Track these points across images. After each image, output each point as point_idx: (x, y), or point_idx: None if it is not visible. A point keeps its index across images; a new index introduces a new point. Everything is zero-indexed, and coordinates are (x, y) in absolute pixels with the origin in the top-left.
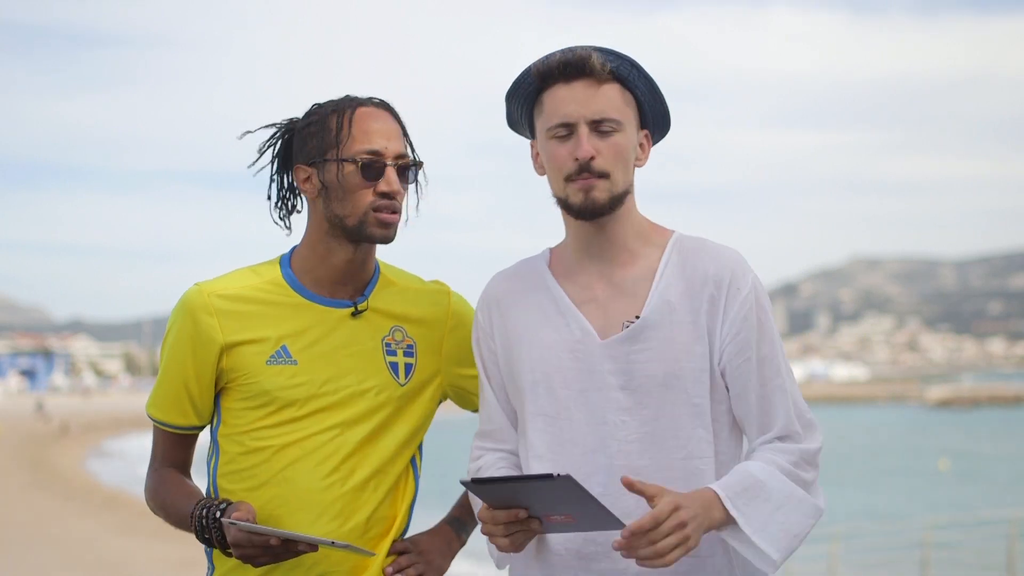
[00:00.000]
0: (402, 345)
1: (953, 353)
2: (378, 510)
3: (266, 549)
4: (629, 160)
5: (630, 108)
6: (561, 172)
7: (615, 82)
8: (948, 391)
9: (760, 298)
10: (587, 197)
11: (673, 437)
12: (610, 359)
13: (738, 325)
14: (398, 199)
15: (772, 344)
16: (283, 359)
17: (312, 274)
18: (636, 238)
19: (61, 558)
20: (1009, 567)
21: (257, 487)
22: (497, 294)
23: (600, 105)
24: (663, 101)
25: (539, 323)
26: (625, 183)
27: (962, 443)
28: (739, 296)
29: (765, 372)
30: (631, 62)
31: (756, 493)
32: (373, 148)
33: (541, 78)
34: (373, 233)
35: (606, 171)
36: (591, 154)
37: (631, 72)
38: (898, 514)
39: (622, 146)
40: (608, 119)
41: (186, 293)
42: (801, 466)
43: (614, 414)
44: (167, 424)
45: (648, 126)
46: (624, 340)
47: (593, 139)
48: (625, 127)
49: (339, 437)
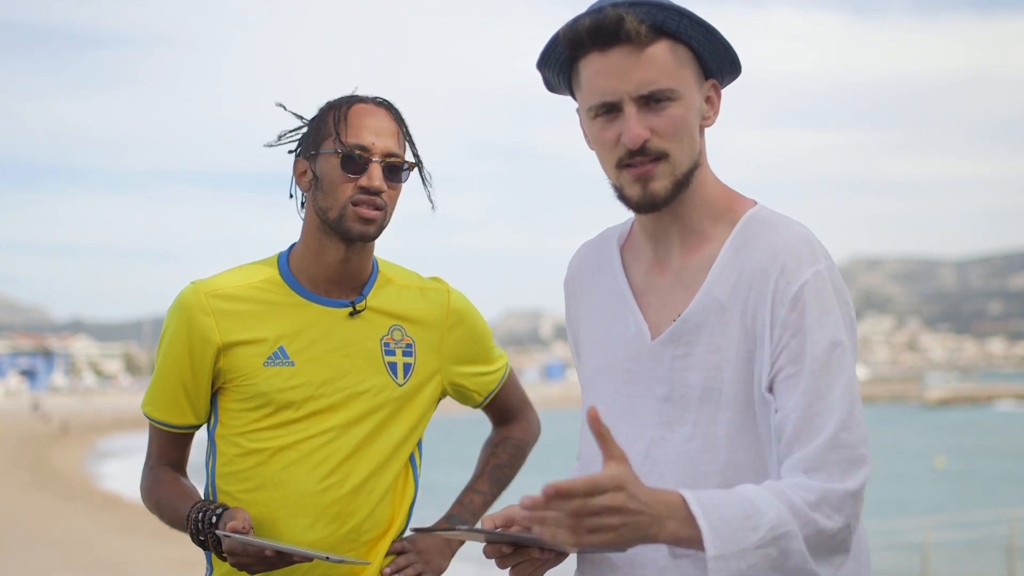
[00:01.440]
0: (401, 344)
1: (953, 353)
2: (375, 512)
3: (261, 558)
4: (693, 131)
5: (686, 67)
6: (611, 158)
7: (662, 39)
8: (948, 391)
9: (818, 295)
10: (645, 190)
11: (709, 461)
12: (658, 363)
13: (781, 328)
14: (382, 196)
15: (831, 354)
16: (280, 360)
17: (308, 272)
18: (707, 216)
19: (61, 558)
20: (1009, 567)
21: (254, 489)
22: (574, 270)
23: (646, 75)
24: (726, 45)
25: (601, 311)
26: (691, 159)
27: (962, 443)
28: (789, 292)
29: (817, 386)
30: (679, 11)
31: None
32: (359, 143)
33: (572, 46)
34: (351, 228)
35: (665, 151)
36: (644, 137)
37: (681, 22)
38: (898, 514)
39: (681, 118)
40: (659, 90)
41: (182, 292)
42: (821, 508)
43: (655, 429)
44: (163, 423)
45: (714, 74)
46: (666, 342)
47: (644, 116)
48: (683, 93)
49: (336, 440)
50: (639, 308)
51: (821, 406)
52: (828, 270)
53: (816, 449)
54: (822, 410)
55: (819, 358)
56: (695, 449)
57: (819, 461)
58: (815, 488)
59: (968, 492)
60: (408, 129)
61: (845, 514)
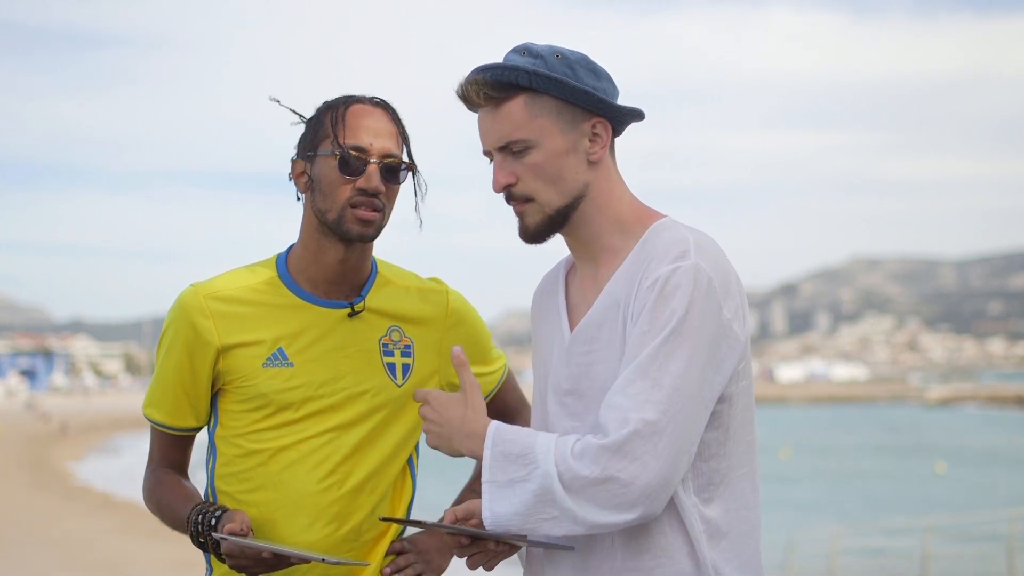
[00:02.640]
0: (399, 345)
1: (953, 353)
2: (374, 512)
3: (259, 560)
4: (561, 170)
5: (544, 116)
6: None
7: (519, 95)
8: (948, 391)
9: (667, 288)
10: (522, 224)
11: None
12: (565, 363)
13: (636, 316)
14: (380, 197)
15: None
16: (279, 361)
17: (307, 273)
18: (615, 232)
19: (61, 558)
20: (1009, 566)
21: (254, 489)
22: (534, 296)
23: (500, 130)
24: (586, 92)
25: (545, 326)
26: (563, 196)
27: (961, 442)
28: (644, 284)
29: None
30: (526, 70)
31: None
32: (357, 144)
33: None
34: (350, 230)
35: (528, 194)
36: (504, 183)
37: (531, 79)
38: (897, 514)
39: (539, 163)
40: (512, 141)
41: (182, 294)
42: (582, 459)
43: (566, 420)
44: (164, 425)
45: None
46: (574, 342)
47: (510, 163)
48: (539, 141)
49: (336, 440)
50: (569, 320)
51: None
52: (694, 268)
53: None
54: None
55: (646, 342)
56: None
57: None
58: (583, 441)
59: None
60: (405, 129)
61: (601, 466)
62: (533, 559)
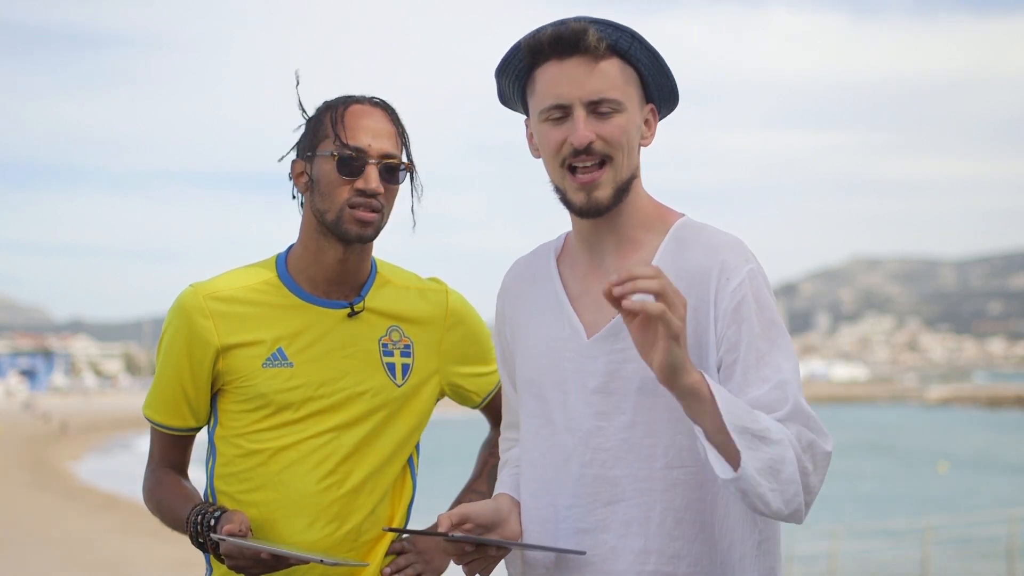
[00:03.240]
0: (399, 345)
1: (953, 353)
2: (374, 512)
3: (258, 561)
4: (633, 142)
5: (632, 85)
6: (556, 158)
7: (614, 57)
8: (948, 391)
9: (755, 290)
10: (589, 197)
11: (652, 444)
12: (592, 359)
13: (727, 320)
14: (379, 198)
15: (771, 342)
16: (279, 362)
17: (306, 273)
18: (639, 225)
19: (61, 558)
20: (1009, 567)
21: (253, 490)
22: (509, 282)
23: (597, 84)
24: (669, 75)
25: (537, 317)
26: (630, 168)
27: (961, 442)
28: (728, 288)
29: (765, 370)
30: (632, 34)
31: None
32: (356, 145)
33: (532, 54)
34: (349, 230)
35: (608, 154)
36: (589, 139)
37: (632, 45)
38: (898, 514)
39: (624, 128)
40: (607, 99)
41: (181, 294)
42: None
43: (590, 419)
44: (164, 425)
45: (654, 100)
46: (605, 338)
47: (591, 122)
48: (627, 107)
49: (336, 440)
50: (574, 311)
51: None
52: (758, 267)
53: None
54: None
55: (762, 348)
56: (638, 435)
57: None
58: (806, 436)
59: (968, 492)
60: (405, 129)
61: (821, 472)
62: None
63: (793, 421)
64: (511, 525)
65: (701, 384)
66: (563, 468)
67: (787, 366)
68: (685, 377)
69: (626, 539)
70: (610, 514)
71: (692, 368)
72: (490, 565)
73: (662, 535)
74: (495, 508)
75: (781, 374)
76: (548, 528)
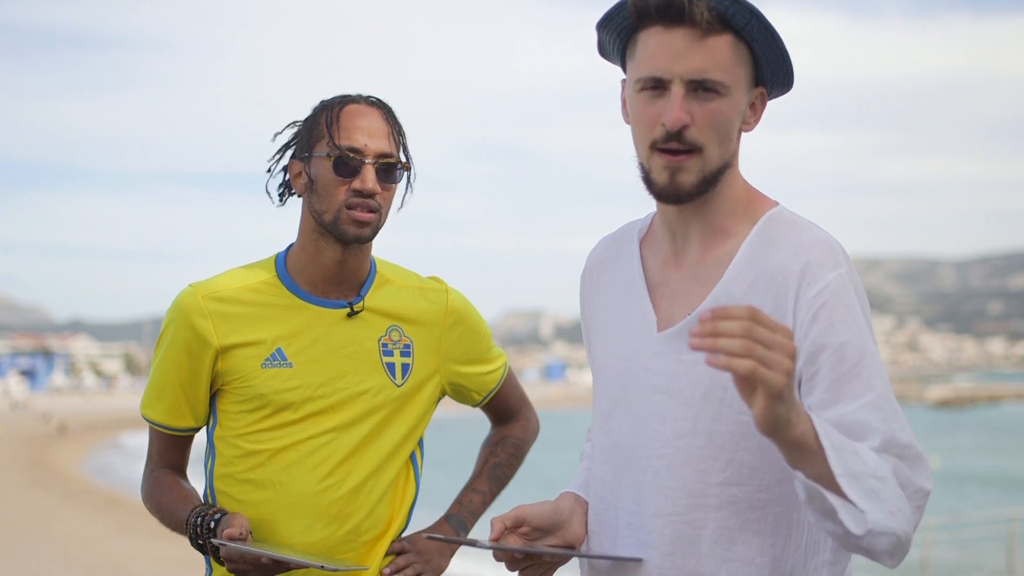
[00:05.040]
0: (399, 345)
1: (953, 353)
2: (374, 513)
3: (258, 565)
4: (732, 130)
5: (741, 66)
6: (646, 136)
7: (727, 32)
8: (948, 391)
9: (841, 295)
10: (672, 180)
11: (710, 458)
12: (659, 356)
13: (805, 329)
14: (376, 198)
15: (859, 352)
16: (278, 362)
17: (305, 273)
18: (728, 213)
19: (61, 558)
20: (1009, 567)
21: (253, 490)
22: (590, 263)
23: (702, 62)
24: (787, 56)
25: (614, 303)
26: (723, 158)
27: (961, 443)
28: (810, 292)
29: (850, 386)
30: (750, 9)
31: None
32: (352, 145)
33: (638, 15)
34: (346, 231)
35: (700, 143)
36: (684, 122)
37: (749, 21)
38: None
39: (723, 114)
40: (711, 79)
41: (180, 295)
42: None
43: (650, 422)
44: (163, 425)
45: (765, 82)
46: (675, 336)
47: (689, 102)
48: (731, 90)
49: (335, 440)
50: (651, 300)
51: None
52: (849, 273)
53: (881, 446)
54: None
55: (849, 359)
56: (697, 445)
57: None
58: (903, 473)
59: (968, 492)
60: (402, 129)
61: (920, 511)
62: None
63: (888, 452)
64: (573, 528)
65: (807, 435)
66: (623, 471)
67: (878, 381)
68: (790, 431)
69: (674, 558)
70: (659, 527)
71: (798, 419)
72: (547, 572)
73: (715, 557)
74: (554, 509)
75: (872, 391)
76: (608, 533)
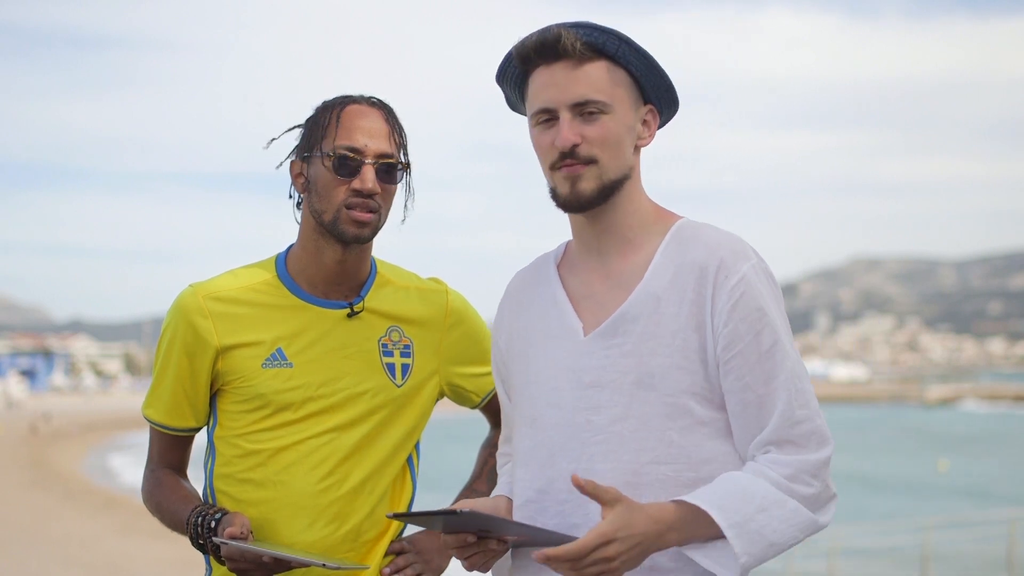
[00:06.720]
0: (399, 346)
1: (953, 353)
2: (374, 512)
3: (259, 564)
4: (622, 143)
5: (621, 86)
6: (546, 160)
7: (601, 59)
8: (948, 391)
9: (756, 285)
10: (573, 188)
11: (641, 439)
12: (588, 355)
13: (726, 316)
14: (375, 198)
15: (773, 338)
16: (279, 362)
17: (305, 274)
18: (638, 227)
19: (61, 558)
20: (1009, 567)
21: (253, 490)
22: (510, 291)
23: (581, 87)
24: (662, 74)
25: (538, 321)
26: (619, 169)
27: (961, 442)
28: (728, 284)
29: (762, 368)
30: (618, 36)
31: (734, 491)
32: (352, 145)
33: (522, 61)
34: (346, 231)
35: (593, 156)
36: (572, 141)
37: (620, 47)
38: (898, 514)
39: (610, 129)
40: (591, 101)
41: (180, 295)
42: (799, 479)
43: (581, 413)
44: (163, 425)
45: (653, 101)
46: (602, 335)
47: (577, 124)
48: (614, 108)
49: (335, 440)
50: (575, 311)
51: (769, 388)
52: (760, 264)
53: (775, 426)
54: (771, 391)
55: (764, 343)
56: (628, 429)
57: (780, 436)
58: (790, 462)
59: (968, 492)
60: (402, 129)
61: (821, 479)
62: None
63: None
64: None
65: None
66: (549, 464)
67: (789, 364)
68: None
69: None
70: (596, 509)
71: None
72: (490, 560)
73: None
74: (494, 506)
75: (784, 372)
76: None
